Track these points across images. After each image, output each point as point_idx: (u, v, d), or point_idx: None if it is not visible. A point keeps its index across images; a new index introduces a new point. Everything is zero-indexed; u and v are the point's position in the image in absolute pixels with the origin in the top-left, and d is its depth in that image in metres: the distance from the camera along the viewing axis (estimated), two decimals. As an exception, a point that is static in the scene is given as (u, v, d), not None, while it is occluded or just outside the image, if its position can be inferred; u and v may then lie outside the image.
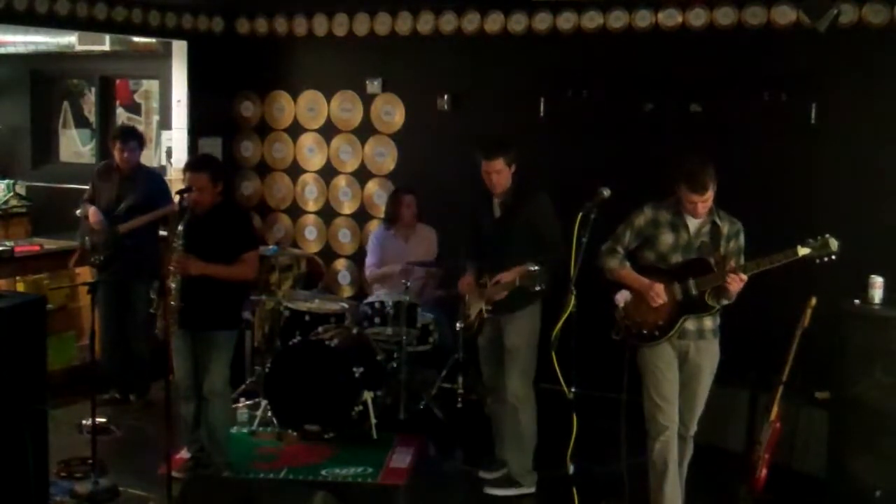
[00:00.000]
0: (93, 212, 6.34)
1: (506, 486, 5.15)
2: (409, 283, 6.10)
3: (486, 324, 5.16)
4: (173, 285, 4.95)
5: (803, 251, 4.23)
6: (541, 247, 4.86)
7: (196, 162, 5.28)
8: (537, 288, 4.75)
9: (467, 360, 6.04)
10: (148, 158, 7.92)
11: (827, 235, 4.23)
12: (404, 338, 6.10)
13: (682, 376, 4.53)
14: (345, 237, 7.56)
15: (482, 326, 5.18)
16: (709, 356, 4.53)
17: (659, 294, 4.42)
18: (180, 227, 4.91)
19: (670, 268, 4.47)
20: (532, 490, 5.14)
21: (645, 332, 4.51)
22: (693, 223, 4.44)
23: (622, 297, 4.59)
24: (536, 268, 4.70)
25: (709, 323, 4.49)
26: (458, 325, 5.61)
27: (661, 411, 4.50)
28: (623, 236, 4.57)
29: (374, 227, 7.22)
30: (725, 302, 4.42)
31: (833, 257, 4.21)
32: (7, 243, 6.94)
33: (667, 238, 4.47)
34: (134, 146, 6.36)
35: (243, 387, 6.55)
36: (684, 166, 4.35)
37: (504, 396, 5.11)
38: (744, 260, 4.44)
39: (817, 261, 4.22)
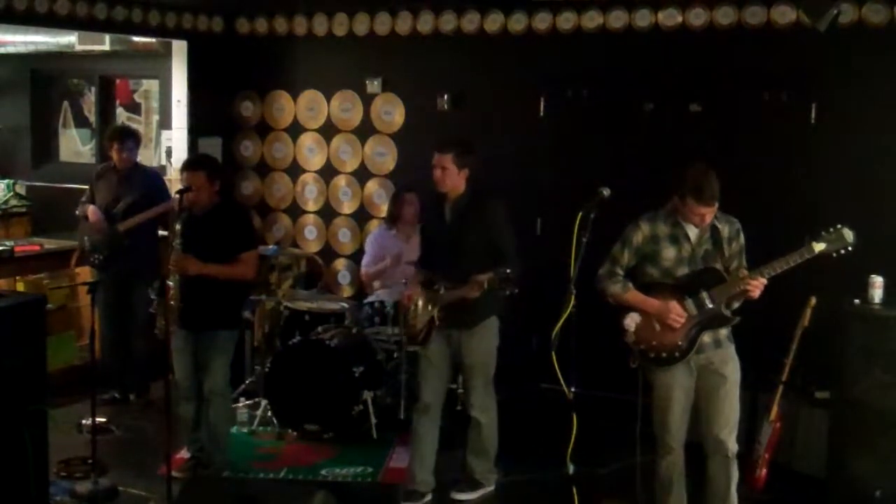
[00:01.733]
0: (92, 210, 6.34)
1: (470, 490, 5.12)
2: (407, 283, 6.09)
3: (436, 335, 4.96)
4: (172, 285, 4.95)
5: (819, 247, 4.06)
6: (496, 258, 4.73)
7: (192, 161, 5.29)
8: (508, 292, 4.60)
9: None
10: (148, 158, 7.93)
11: (839, 226, 4.08)
12: (404, 338, 6.09)
13: (706, 389, 4.35)
14: (345, 237, 7.56)
15: (429, 336, 4.98)
16: (731, 365, 4.35)
17: (679, 314, 4.22)
18: (178, 227, 4.92)
19: (678, 282, 4.28)
20: (493, 488, 5.18)
21: (665, 355, 4.31)
22: (693, 231, 4.27)
23: (632, 320, 4.34)
24: (509, 270, 4.55)
25: (723, 330, 4.34)
26: (402, 339, 5.36)
27: (668, 433, 4.39)
28: (621, 256, 4.35)
29: (374, 227, 7.23)
30: (736, 305, 4.29)
31: (850, 248, 4.05)
32: (7, 243, 6.94)
33: (669, 252, 4.28)
34: (132, 146, 6.38)
35: (243, 387, 6.55)
36: (689, 177, 4.15)
37: (468, 410, 5.05)
38: (745, 259, 4.34)
39: (834, 255, 4.06)
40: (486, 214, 4.85)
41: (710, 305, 4.24)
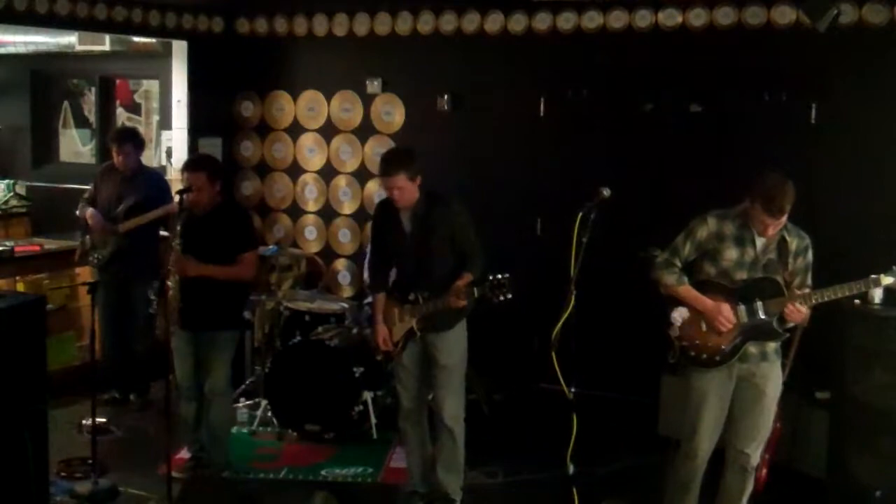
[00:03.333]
0: (90, 214, 6.33)
1: None
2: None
3: (411, 343, 4.84)
4: (172, 285, 4.95)
5: (886, 280, 4.03)
6: (464, 260, 4.66)
7: (193, 161, 5.28)
8: (501, 298, 4.44)
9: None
10: (148, 158, 7.92)
11: None
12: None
13: (742, 401, 4.28)
14: (345, 237, 7.56)
15: (404, 348, 4.85)
16: (772, 381, 4.28)
17: (727, 319, 4.15)
18: (179, 227, 4.92)
19: (735, 286, 4.19)
20: (460, 496, 4.98)
21: (705, 356, 4.24)
22: (760, 238, 4.17)
23: (679, 315, 4.27)
24: (496, 278, 4.42)
25: (772, 343, 4.26)
26: (377, 357, 5.12)
27: (695, 441, 4.31)
28: (682, 248, 4.25)
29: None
30: (791, 325, 4.21)
31: None
32: (7, 243, 6.94)
33: (731, 253, 4.18)
34: (129, 149, 6.34)
35: (243, 387, 6.55)
36: (763, 184, 4.05)
37: (439, 418, 4.86)
38: (811, 279, 4.25)
39: None
40: (450, 216, 4.73)
41: (763, 317, 4.17)
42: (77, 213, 6.49)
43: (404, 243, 4.79)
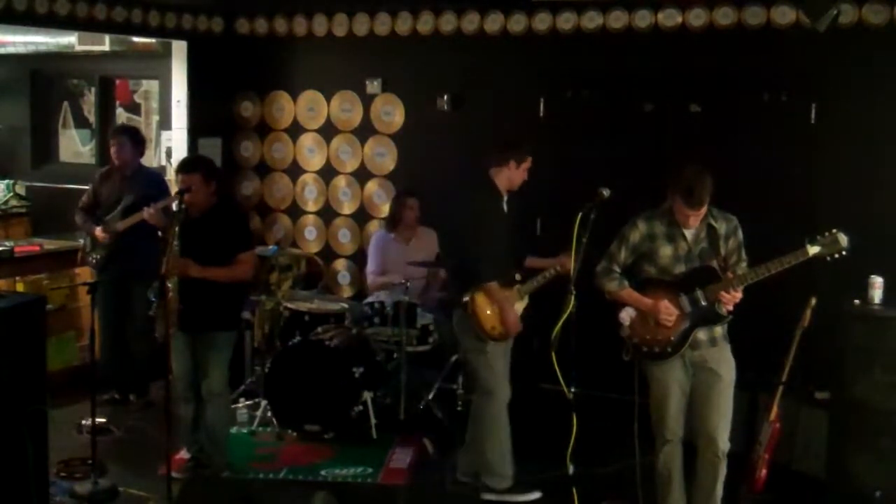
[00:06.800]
0: (100, 233, 6.28)
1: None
2: (409, 284, 6.09)
3: None
4: (171, 286, 4.94)
5: (813, 250, 4.14)
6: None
7: (188, 163, 5.28)
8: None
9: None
10: (148, 158, 7.90)
11: (835, 231, 4.15)
12: (404, 338, 6.09)
13: (700, 387, 4.40)
14: (344, 237, 7.56)
15: None
16: (725, 364, 4.40)
17: (670, 313, 4.30)
18: (177, 228, 4.91)
19: (675, 279, 4.35)
20: None
21: (657, 349, 4.39)
22: (689, 230, 4.33)
23: (627, 314, 4.43)
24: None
25: (719, 329, 4.39)
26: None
27: (665, 427, 4.43)
28: (618, 254, 4.42)
29: (374, 227, 7.24)
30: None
31: (844, 253, 4.13)
32: (7, 243, 6.94)
33: (665, 250, 4.35)
34: (123, 141, 6.33)
35: (243, 387, 6.55)
36: (681, 179, 4.20)
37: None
38: (744, 254, 4.38)
39: (828, 258, 4.14)
40: (521, 202, 5.17)
41: (704, 303, 4.30)
42: (76, 218, 6.47)
43: (506, 227, 5.07)
